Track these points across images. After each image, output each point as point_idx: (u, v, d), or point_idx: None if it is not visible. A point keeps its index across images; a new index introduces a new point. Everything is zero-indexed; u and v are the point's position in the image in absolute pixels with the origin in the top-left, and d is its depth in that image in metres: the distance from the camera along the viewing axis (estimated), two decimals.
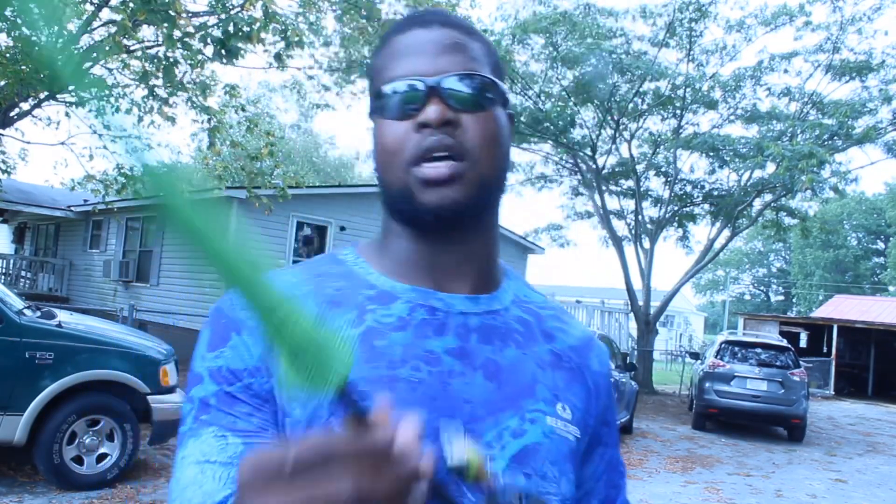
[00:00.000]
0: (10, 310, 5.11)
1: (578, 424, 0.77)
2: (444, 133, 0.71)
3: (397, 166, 0.73)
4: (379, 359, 0.70)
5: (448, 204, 0.71)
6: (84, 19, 8.33)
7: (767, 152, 12.84)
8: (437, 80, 0.72)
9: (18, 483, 5.31)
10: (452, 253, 0.77)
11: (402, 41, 0.76)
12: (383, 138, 0.74)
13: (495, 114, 0.75)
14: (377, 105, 0.76)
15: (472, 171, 0.72)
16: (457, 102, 0.72)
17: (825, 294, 44.86)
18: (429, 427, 0.67)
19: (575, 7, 14.35)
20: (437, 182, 0.71)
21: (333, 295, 0.75)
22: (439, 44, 0.75)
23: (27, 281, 18.59)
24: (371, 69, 0.80)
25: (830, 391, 21.60)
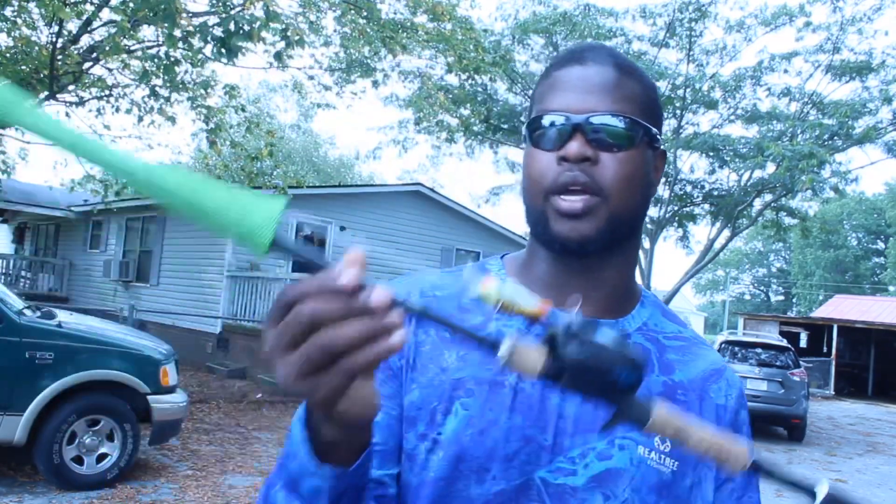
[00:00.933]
0: (10, 310, 5.11)
1: (680, 458, 0.77)
2: (581, 169, 0.76)
3: (538, 194, 0.79)
4: (487, 366, 0.77)
5: (576, 236, 0.77)
6: (84, 19, 8.33)
7: (768, 152, 12.84)
8: (582, 118, 0.77)
9: (18, 483, 5.31)
10: (582, 277, 0.82)
11: (560, 76, 0.81)
12: (529, 166, 0.81)
13: (637, 153, 0.79)
14: (529, 133, 0.81)
15: (605, 207, 0.76)
16: (598, 141, 0.77)
17: (825, 294, 44.87)
18: (521, 433, 0.75)
19: (575, 7, 14.35)
20: (570, 215, 0.76)
21: (467, 303, 0.81)
22: (591, 82, 0.79)
23: (27, 281, 18.58)
24: (532, 97, 0.86)
25: (830, 391, 21.60)
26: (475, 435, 0.75)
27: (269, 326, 0.50)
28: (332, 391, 0.49)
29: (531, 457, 0.75)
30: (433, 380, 0.78)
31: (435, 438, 0.76)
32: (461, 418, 0.76)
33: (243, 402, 9.61)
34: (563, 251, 0.79)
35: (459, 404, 0.77)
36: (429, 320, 0.53)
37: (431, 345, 0.80)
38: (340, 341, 0.47)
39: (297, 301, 0.48)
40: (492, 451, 0.75)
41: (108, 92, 10.01)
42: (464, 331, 0.53)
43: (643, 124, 0.79)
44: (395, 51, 9.92)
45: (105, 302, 15.85)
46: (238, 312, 12.25)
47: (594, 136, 0.76)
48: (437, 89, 12.61)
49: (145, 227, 15.44)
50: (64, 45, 8.09)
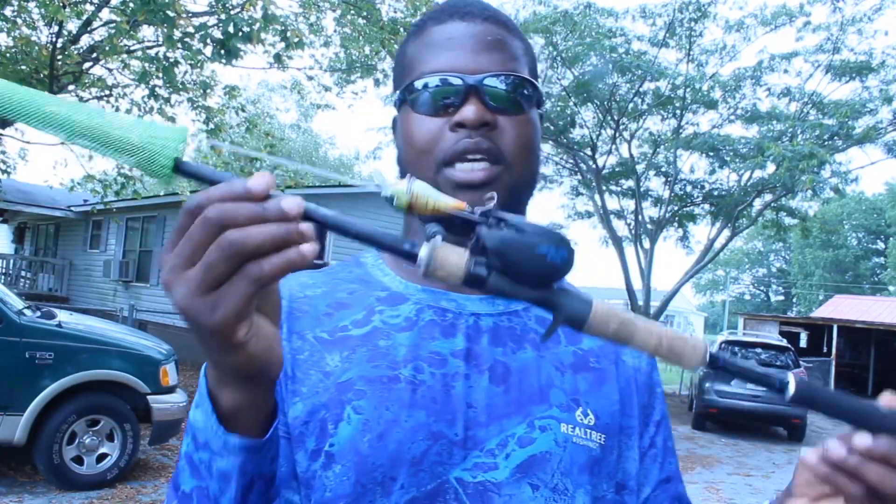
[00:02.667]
0: (10, 310, 5.11)
1: (606, 430, 0.72)
2: (481, 135, 0.68)
3: (427, 165, 0.70)
4: (381, 358, 0.69)
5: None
6: (84, 19, 8.33)
7: (768, 153, 12.83)
8: (477, 78, 0.69)
9: (18, 483, 5.31)
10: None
11: (441, 32, 0.72)
12: (413, 133, 0.71)
13: (532, 116, 0.73)
14: (408, 97, 0.72)
15: (508, 175, 0.70)
16: (496, 104, 0.70)
17: (825, 294, 44.87)
18: (427, 430, 0.67)
19: (575, 7, 14.35)
20: (471, 186, 0.68)
21: (345, 298, 0.74)
22: (480, 39, 0.71)
23: (27, 281, 18.58)
24: (402, 57, 0.76)
25: None
26: (374, 440, 0.66)
27: (166, 249, 0.46)
28: (235, 305, 0.44)
29: (442, 456, 0.66)
30: (317, 387, 0.68)
31: (328, 452, 0.66)
32: (355, 424, 0.66)
33: None
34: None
35: (351, 409, 0.67)
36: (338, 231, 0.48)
37: (310, 350, 0.70)
38: (249, 241, 0.43)
39: (201, 208, 0.44)
40: (396, 456, 0.65)
41: (108, 92, 10.02)
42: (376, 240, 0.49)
43: (536, 85, 0.74)
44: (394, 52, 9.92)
45: (105, 302, 15.85)
46: None
47: (491, 99, 0.69)
48: None
49: (145, 227, 15.45)
50: (64, 45, 8.09)
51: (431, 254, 0.49)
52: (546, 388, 0.71)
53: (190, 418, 0.58)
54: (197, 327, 0.46)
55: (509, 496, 0.66)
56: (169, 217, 14.61)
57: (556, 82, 15.47)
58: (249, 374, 0.51)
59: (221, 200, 0.44)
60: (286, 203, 0.44)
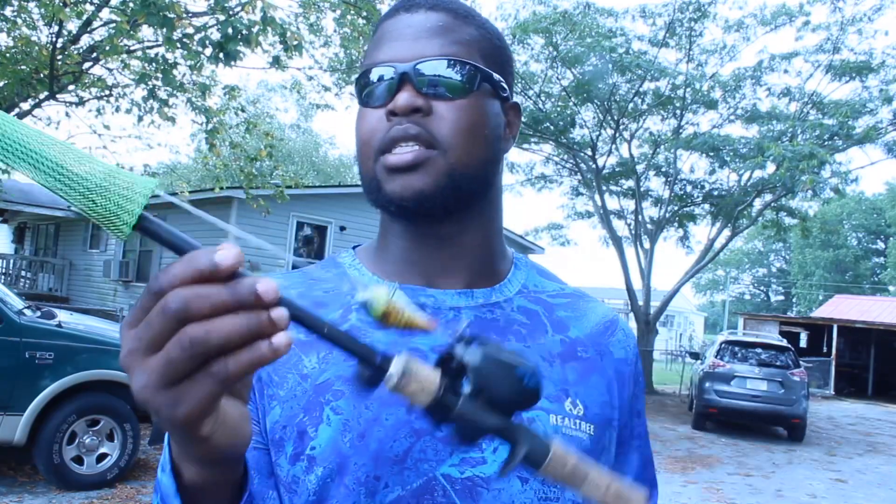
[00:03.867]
0: (10, 310, 5.11)
1: (594, 420, 0.71)
2: (412, 121, 0.67)
3: (368, 156, 0.70)
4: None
5: (410, 193, 0.68)
6: (84, 19, 8.33)
7: (768, 153, 12.84)
8: (409, 65, 0.68)
9: (18, 483, 5.31)
10: (443, 249, 0.73)
11: (387, 26, 0.73)
12: (358, 127, 0.72)
13: (477, 101, 0.70)
14: (358, 92, 0.73)
15: (442, 159, 0.68)
16: (430, 89, 0.68)
17: (825, 294, 44.87)
18: (409, 427, 0.65)
19: (575, 7, 14.35)
20: (399, 169, 0.67)
21: (321, 297, 0.73)
22: (420, 27, 0.71)
23: (27, 281, 18.59)
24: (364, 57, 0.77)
25: (830, 391, 21.60)
26: (355, 440, 0.64)
27: (126, 326, 0.41)
28: (198, 405, 0.40)
29: (427, 453, 0.64)
30: (294, 390, 0.67)
31: (309, 455, 0.64)
32: (335, 425, 0.65)
33: None
34: (400, 212, 0.70)
35: (330, 409, 0.65)
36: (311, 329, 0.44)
37: (289, 357, 0.68)
38: (213, 338, 0.39)
39: (162, 290, 0.40)
40: (378, 455, 0.64)
41: (108, 92, 10.02)
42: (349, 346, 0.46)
43: (481, 69, 0.71)
44: None
45: (105, 302, 15.86)
46: None
47: (424, 84, 0.68)
48: None
49: None
50: (64, 45, 8.09)
51: (404, 369, 0.46)
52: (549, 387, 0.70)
53: (157, 477, 0.55)
54: (157, 417, 0.42)
55: (499, 490, 0.65)
56: (169, 217, 14.61)
57: (556, 82, 15.48)
58: (213, 460, 0.48)
59: (184, 283, 0.39)
60: (260, 287, 0.40)
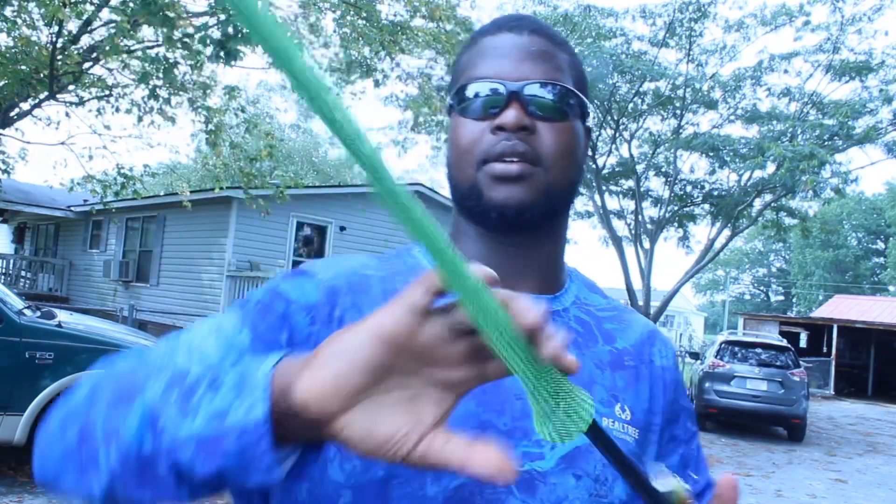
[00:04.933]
0: (10, 310, 5.11)
1: (639, 425, 0.76)
2: (519, 138, 0.72)
3: (469, 164, 0.74)
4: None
5: (514, 202, 0.72)
6: (84, 19, 8.33)
7: (769, 153, 12.84)
8: (519, 85, 0.73)
9: (18, 483, 5.31)
10: (518, 256, 0.78)
11: (490, 43, 0.77)
12: (459, 136, 0.76)
13: (573, 125, 0.76)
14: (457, 102, 0.77)
15: (542, 175, 0.73)
16: (536, 109, 0.73)
17: (825, 294, 44.88)
18: (477, 420, 0.69)
19: (575, 7, 14.36)
20: (506, 178, 0.72)
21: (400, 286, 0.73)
22: (525, 50, 0.75)
23: (27, 281, 18.59)
24: (456, 66, 0.81)
25: (830, 391, 21.61)
26: None
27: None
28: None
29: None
30: None
31: None
32: None
33: None
34: (500, 220, 0.74)
35: None
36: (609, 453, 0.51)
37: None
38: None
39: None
40: None
41: (108, 92, 10.02)
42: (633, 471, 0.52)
43: (579, 95, 0.77)
44: (393, 53, 9.93)
45: (105, 302, 15.86)
46: None
47: (531, 104, 0.73)
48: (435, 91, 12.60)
49: (145, 227, 15.45)
50: (64, 45, 8.09)
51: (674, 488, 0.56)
52: (588, 384, 0.74)
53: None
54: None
55: (554, 485, 0.69)
56: (169, 217, 14.61)
57: None
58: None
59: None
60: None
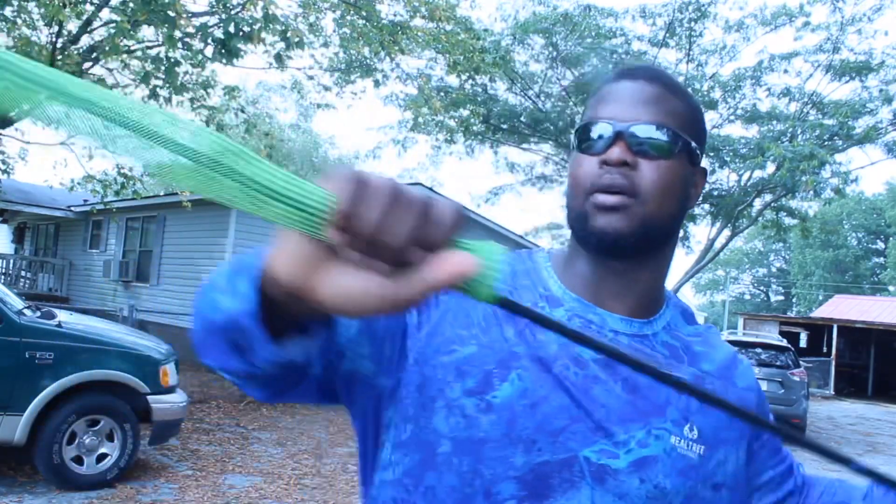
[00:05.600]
0: (10, 310, 5.11)
1: (706, 442, 0.85)
2: (620, 173, 0.81)
3: (579, 194, 0.85)
4: (542, 346, 0.82)
5: (611, 230, 0.81)
6: (84, 20, 8.33)
7: (769, 153, 12.84)
8: (624, 125, 0.82)
9: (18, 483, 5.31)
10: (618, 277, 0.87)
11: (610, 88, 0.88)
12: (574, 168, 0.86)
13: (675, 164, 0.84)
14: (576, 141, 0.87)
15: (640, 208, 0.82)
16: (638, 147, 0.82)
17: (825, 294, 44.87)
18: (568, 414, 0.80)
19: (575, 7, 14.36)
20: (605, 208, 0.82)
21: (522, 284, 0.88)
22: (638, 95, 0.84)
23: (27, 281, 18.59)
24: (584, 110, 0.92)
25: (830, 391, 21.61)
26: (527, 407, 0.79)
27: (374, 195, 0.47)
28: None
29: (576, 435, 0.79)
30: (493, 343, 0.81)
31: (489, 401, 0.79)
32: (516, 388, 0.79)
33: (243, 402, 9.61)
34: (598, 245, 0.83)
35: (516, 374, 0.80)
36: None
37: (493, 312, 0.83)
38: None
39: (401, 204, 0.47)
40: (541, 425, 0.79)
41: None
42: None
43: (683, 137, 0.84)
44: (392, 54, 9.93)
45: (105, 302, 15.85)
46: None
47: (635, 143, 0.82)
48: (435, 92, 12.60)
49: (145, 227, 15.45)
50: (64, 45, 8.09)
51: None
52: (665, 404, 0.84)
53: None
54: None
55: (621, 482, 0.80)
56: (169, 217, 14.61)
57: (556, 82, 15.48)
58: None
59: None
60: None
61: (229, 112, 9.80)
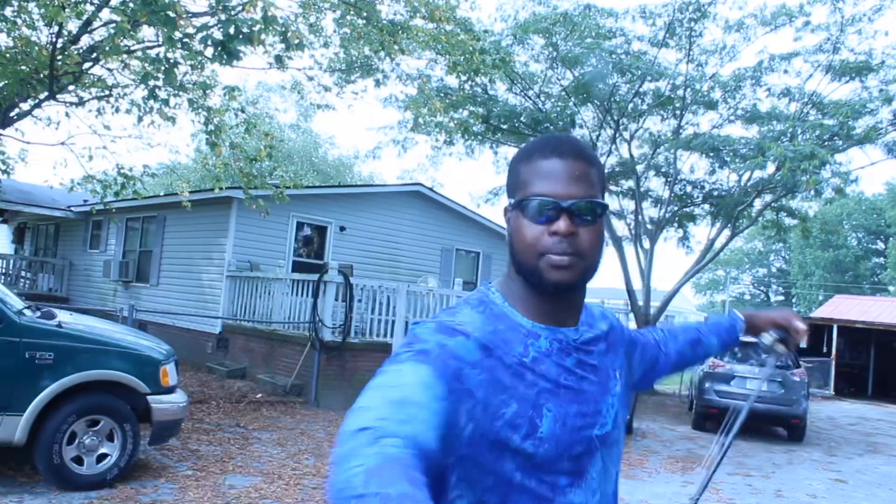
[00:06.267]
0: (10, 310, 5.11)
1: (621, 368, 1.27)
2: (568, 241, 1.07)
3: (532, 255, 1.09)
4: (547, 376, 1.11)
5: (564, 282, 1.09)
6: (84, 19, 8.32)
7: (769, 153, 12.82)
8: (569, 203, 1.07)
9: (18, 483, 5.31)
10: (567, 304, 1.17)
11: (544, 164, 1.11)
12: (523, 233, 1.10)
13: (601, 224, 1.12)
14: (520, 206, 1.10)
15: (582, 262, 1.10)
16: (579, 220, 1.08)
17: (825, 294, 44.85)
18: (579, 414, 1.12)
19: (575, 7, 14.34)
20: (560, 267, 1.08)
21: (507, 336, 1.11)
22: (571, 174, 1.09)
23: (27, 281, 18.59)
24: (516, 173, 1.15)
25: (830, 391, 21.60)
26: (561, 425, 1.10)
27: None
28: None
29: (587, 425, 1.13)
30: (524, 394, 1.08)
31: (539, 437, 1.07)
32: (549, 418, 1.09)
33: (243, 402, 9.61)
34: (555, 291, 1.11)
35: (545, 409, 1.09)
36: None
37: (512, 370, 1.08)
38: None
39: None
40: (571, 430, 1.11)
41: (108, 92, 10.02)
42: None
43: (604, 204, 1.13)
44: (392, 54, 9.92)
45: (105, 302, 15.85)
46: (238, 312, 12.24)
47: (575, 216, 1.08)
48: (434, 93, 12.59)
49: (145, 227, 15.45)
50: (64, 46, 8.09)
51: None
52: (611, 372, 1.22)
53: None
54: None
55: (615, 438, 1.19)
56: (169, 217, 14.61)
57: (555, 83, 15.48)
58: None
59: None
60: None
61: (229, 112, 9.80)
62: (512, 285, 1.16)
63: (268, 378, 10.79)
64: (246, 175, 9.50)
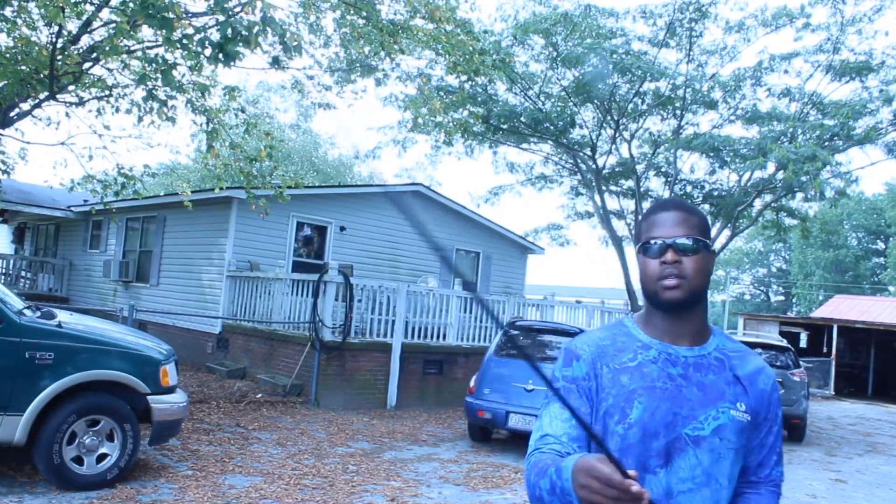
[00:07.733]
0: (10, 310, 5.11)
1: (750, 414, 1.48)
2: (674, 266, 1.45)
3: (651, 281, 1.48)
4: (646, 377, 1.45)
5: (675, 299, 1.46)
6: (84, 20, 8.32)
7: (771, 154, 12.82)
8: (672, 240, 1.46)
9: (18, 483, 5.31)
10: (680, 322, 1.51)
11: (656, 218, 1.51)
12: (647, 267, 1.49)
13: (702, 255, 1.47)
14: (642, 249, 1.50)
15: (687, 284, 1.45)
16: (681, 251, 1.46)
17: (825, 294, 44.84)
18: (671, 412, 1.42)
19: (575, 7, 14.34)
20: (669, 287, 1.45)
21: (622, 345, 1.52)
22: (674, 220, 1.49)
23: (27, 281, 18.59)
24: (641, 224, 1.54)
25: (830, 391, 21.60)
26: (650, 416, 1.42)
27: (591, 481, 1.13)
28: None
29: (678, 422, 1.42)
30: (619, 390, 1.46)
31: (629, 423, 1.43)
32: (640, 409, 1.43)
33: (243, 402, 9.60)
34: (668, 307, 1.48)
35: (637, 401, 1.43)
36: None
37: (612, 374, 1.48)
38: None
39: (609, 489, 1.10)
40: (659, 423, 1.42)
41: (108, 92, 10.01)
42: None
43: (702, 240, 1.48)
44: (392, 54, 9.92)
45: (105, 302, 15.85)
46: (238, 312, 12.24)
47: (678, 249, 1.46)
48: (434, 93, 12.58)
49: (145, 227, 15.45)
50: (64, 46, 8.09)
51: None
52: (723, 392, 1.46)
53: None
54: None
55: (709, 441, 1.43)
56: (169, 217, 14.61)
57: (556, 83, 15.47)
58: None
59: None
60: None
61: (229, 112, 9.79)
62: (643, 313, 1.56)
63: (268, 378, 10.79)
64: (246, 175, 9.49)
